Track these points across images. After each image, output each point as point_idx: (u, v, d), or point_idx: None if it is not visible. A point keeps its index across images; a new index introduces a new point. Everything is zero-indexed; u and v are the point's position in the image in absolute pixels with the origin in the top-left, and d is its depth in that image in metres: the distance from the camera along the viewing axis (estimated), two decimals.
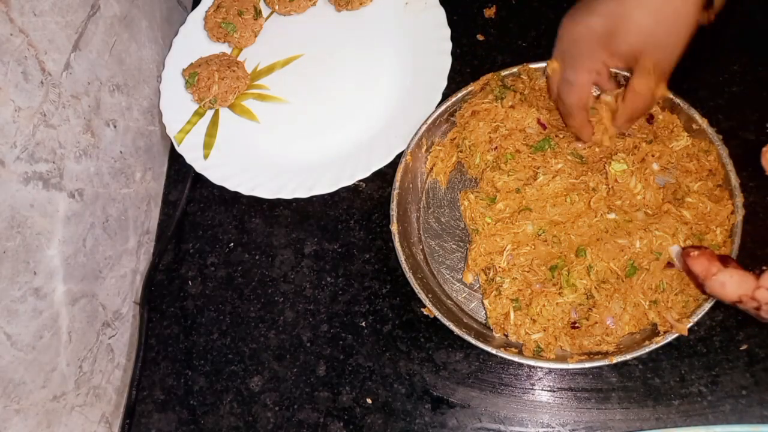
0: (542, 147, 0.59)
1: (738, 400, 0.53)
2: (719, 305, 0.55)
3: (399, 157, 0.62)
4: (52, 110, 0.55)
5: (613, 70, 0.57)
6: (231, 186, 0.66)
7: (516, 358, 0.53)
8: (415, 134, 0.62)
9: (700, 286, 0.48)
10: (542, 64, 0.62)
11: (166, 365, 0.63)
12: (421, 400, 0.57)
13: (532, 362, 0.53)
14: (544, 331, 0.54)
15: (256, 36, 0.74)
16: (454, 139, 0.63)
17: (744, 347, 0.54)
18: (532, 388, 0.56)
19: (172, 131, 0.70)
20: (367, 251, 0.64)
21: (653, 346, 0.51)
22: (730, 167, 0.55)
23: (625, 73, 0.57)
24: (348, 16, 0.74)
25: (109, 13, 0.64)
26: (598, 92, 0.58)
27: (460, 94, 0.63)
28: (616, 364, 0.53)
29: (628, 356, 0.51)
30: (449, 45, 0.67)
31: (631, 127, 0.59)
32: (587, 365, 0.52)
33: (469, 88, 0.63)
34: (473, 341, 0.53)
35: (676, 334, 0.51)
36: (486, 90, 0.62)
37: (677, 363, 0.55)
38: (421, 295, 0.56)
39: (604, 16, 0.51)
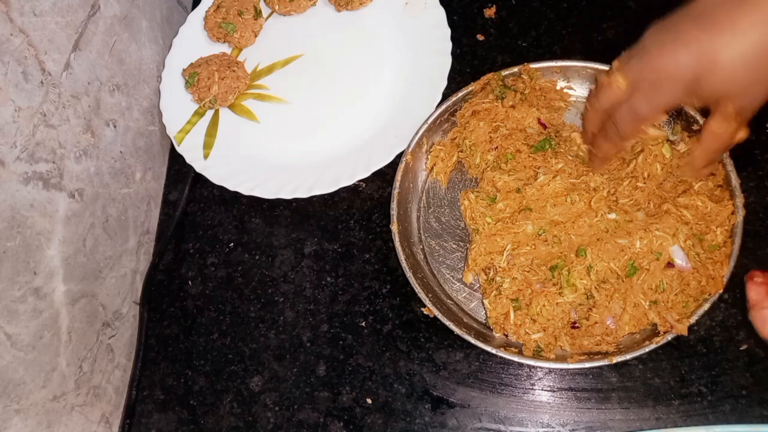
0: (543, 147, 0.59)
1: (738, 400, 0.53)
2: (719, 305, 0.55)
3: (399, 157, 0.62)
4: (52, 110, 0.55)
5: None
6: (231, 186, 0.66)
7: (516, 358, 0.53)
8: (415, 134, 0.62)
9: (747, 309, 0.51)
10: (543, 64, 0.62)
11: (166, 365, 0.63)
12: (421, 400, 0.57)
13: (532, 362, 0.53)
14: (544, 331, 0.54)
15: (256, 36, 0.74)
16: (455, 138, 0.63)
17: (744, 347, 0.54)
18: (532, 388, 0.56)
19: (172, 131, 0.70)
20: (367, 251, 0.64)
21: (653, 346, 0.51)
22: (731, 167, 0.54)
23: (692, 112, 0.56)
24: (348, 16, 0.74)
25: (109, 13, 0.64)
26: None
27: (460, 94, 0.63)
28: (616, 364, 0.53)
29: (628, 356, 0.51)
30: (449, 45, 0.67)
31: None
32: (587, 365, 0.52)
33: (470, 88, 0.63)
34: (473, 341, 0.53)
35: (676, 334, 0.51)
36: (486, 90, 0.62)
37: (677, 363, 0.55)
38: (421, 295, 0.56)
39: (693, 54, 0.46)
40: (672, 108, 0.51)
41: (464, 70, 0.69)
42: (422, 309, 0.59)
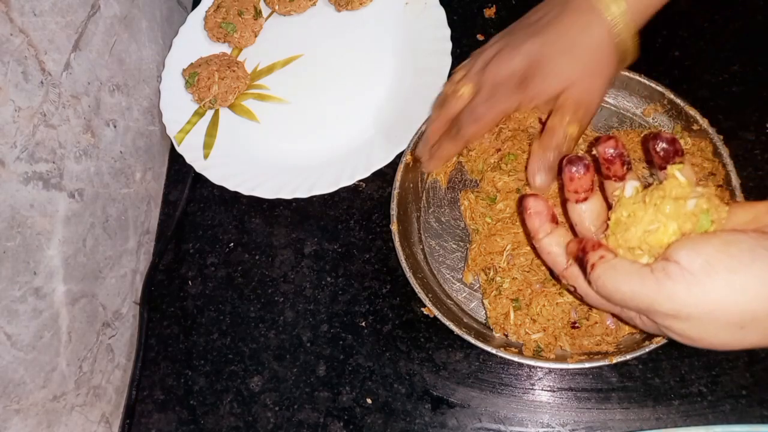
0: None
1: (738, 400, 0.53)
2: None
3: (399, 157, 0.62)
4: (52, 110, 0.55)
5: None
6: (231, 186, 0.66)
7: (516, 358, 0.53)
8: (415, 134, 0.62)
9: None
10: None
11: (166, 365, 0.63)
12: (421, 400, 0.57)
13: (532, 362, 0.53)
14: (544, 330, 0.54)
15: (256, 36, 0.74)
16: None
17: None
18: (532, 388, 0.56)
19: (172, 131, 0.70)
20: (367, 251, 0.64)
21: (653, 346, 0.51)
22: (731, 167, 0.55)
23: None
24: (348, 16, 0.74)
25: (109, 13, 0.64)
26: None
27: None
28: (616, 364, 0.53)
29: (628, 356, 0.51)
30: (449, 45, 0.67)
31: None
32: (587, 365, 0.52)
33: None
34: (473, 341, 0.53)
35: None
36: None
37: (677, 363, 0.55)
38: (421, 295, 0.56)
39: (526, 57, 0.51)
40: (510, 112, 0.54)
41: None
42: (422, 309, 0.59)
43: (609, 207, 0.44)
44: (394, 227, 0.58)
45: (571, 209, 0.46)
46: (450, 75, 0.66)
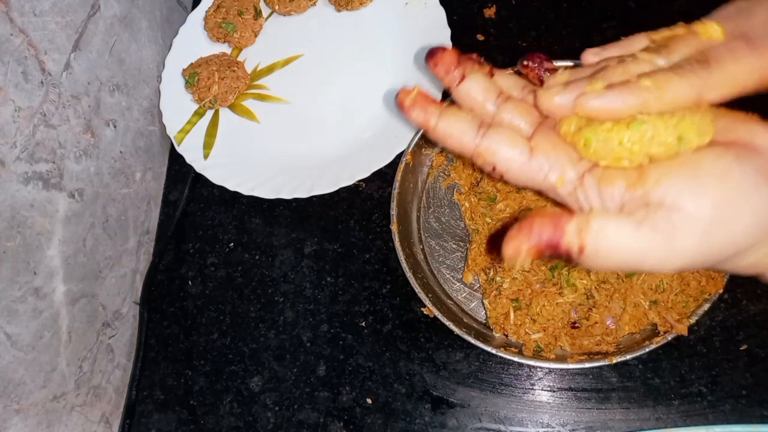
0: None
1: (738, 400, 0.53)
2: (719, 305, 0.55)
3: (399, 157, 0.62)
4: (52, 110, 0.55)
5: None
6: (231, 186, 0.66)
7: (516, 358, 0.53)
8: (415, 134, 0.62)
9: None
10: None
11: (166, 365, 0.63)
12: (421, 400, 0.57)
13: (532, 362, 0.53)
14: (544, 331, 0.54)
15: (256, 36, 0.74)
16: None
17: (744, 347, 0.54)
18: (532, 388, 0.56)
19: (172, 131, 0.70)
20: (367, 251, 0.64)
21: (653, 346, 0.51)
22: None
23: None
24: (348, 16, 0.74)
25: (109, 13, 0.64)
26: None
27: None
28: (616, 364, 0.53)
29: (628, 356, 0.51)
30: (449, 45, 0.67)
31: None
32: (587, 365, 0.52)
33: None
34: (473, 341, 0.53)
35: (676, 334, 0.51)
36: None
37: (677, 363, 0.55)
38: (421, 295, 0.56)
39: None
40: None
41: None
42: (422, 309, 0.59)
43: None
44: (394, 227, 0.58)
45: (456, 94, 0.39)
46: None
